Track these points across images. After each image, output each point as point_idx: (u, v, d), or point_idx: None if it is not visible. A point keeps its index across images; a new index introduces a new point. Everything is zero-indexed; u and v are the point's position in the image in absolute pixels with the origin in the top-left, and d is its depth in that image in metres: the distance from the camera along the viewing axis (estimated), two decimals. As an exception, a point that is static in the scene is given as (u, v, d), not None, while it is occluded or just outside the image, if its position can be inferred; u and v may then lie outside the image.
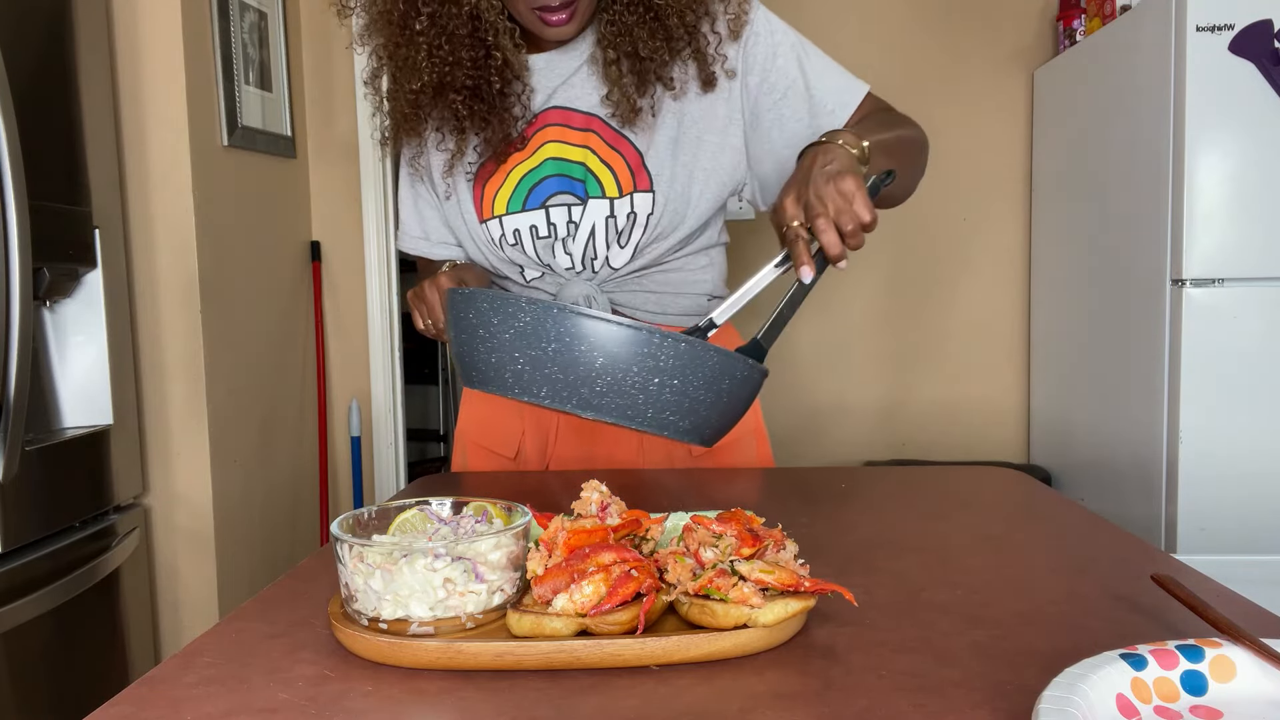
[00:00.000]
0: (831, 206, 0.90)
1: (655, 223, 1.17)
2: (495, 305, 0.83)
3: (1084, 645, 0.62)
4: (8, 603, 1.64)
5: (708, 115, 1.17)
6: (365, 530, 0.71)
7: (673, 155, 1.16)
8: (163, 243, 2.17)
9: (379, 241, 2.80)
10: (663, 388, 0.80)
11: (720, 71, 1.16)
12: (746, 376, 0.86)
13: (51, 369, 1.95)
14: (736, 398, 0.86)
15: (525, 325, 0.81)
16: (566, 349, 0.79)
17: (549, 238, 1.19)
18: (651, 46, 1.11)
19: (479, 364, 0.85)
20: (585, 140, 1.18)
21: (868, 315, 3.11)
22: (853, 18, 3.02)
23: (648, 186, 1.16)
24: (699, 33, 1.14)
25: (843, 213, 0.89)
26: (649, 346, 0.79)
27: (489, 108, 1.15)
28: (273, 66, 2.56)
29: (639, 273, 1.22)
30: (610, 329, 0.79)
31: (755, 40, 1.17)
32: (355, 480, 2.84)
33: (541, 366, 0.80)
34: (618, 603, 0.61)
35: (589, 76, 1.18)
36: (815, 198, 0.91)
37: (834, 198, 0.90)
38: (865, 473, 1.23)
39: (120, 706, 0.57)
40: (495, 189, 1.20)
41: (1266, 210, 2.10)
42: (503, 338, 0.82)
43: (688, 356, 0.80)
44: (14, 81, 1.64)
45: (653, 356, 0.79)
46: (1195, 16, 2.07)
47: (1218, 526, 2.13)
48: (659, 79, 1.14)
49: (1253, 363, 2.11)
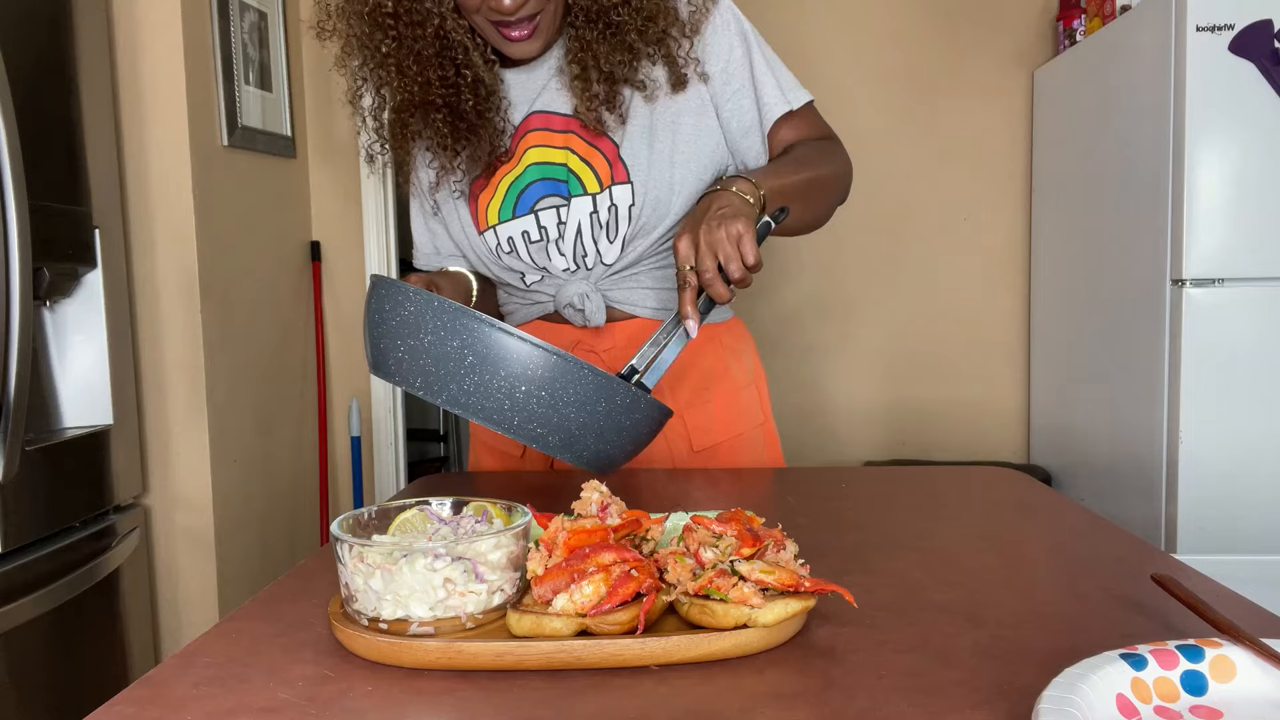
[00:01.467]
0: (720, 252, 0.95)
1: (638, 213, 1.18)
2: (388, 293, 0.85)
3: (1084, 645, 0.62)
4: (8, 603, 1.64)
5: (680, 101, 1.19)
6: (365, 530, 0.71)
7: (648, 144, 1.18)
8: (163, 243, 2.17)
9: (379, 241, 2.80)
10: (530, 397, 0.81)
11: (692, 74, 1.18)
12: (629, 404, 0.84)
13: (51, 369, 1.95)
14: (619, 425, 0.85)
15: (408, 315, 0.83)
16: (440, 343, 0.81)
17: (541, 241, 1.21)
18: (613, 61, 1.13)
19: (371, 349, 0.88)
20: (566, 141, 1.19)
21: (868, 315, 3.11)
22: (853, 18, 3.02)
23: (625, 178, 1.18)
24: (666, 38, 1.15)
25: (730, 259, 0.95)
26: (519, 353, 0.79)
27: (469, 125, 1.16)
28: (273, 66, 2.56)
29: (633, 268, 1.22)
30: (481, 329, 0.80)
31: (715, 32, 1.19)
32: (355, 480, 2.84)
33: (418, 357, 0.82)
34: (618, 603, 0.61)
35: (561, 87, 1.19)
36: (705, 243, 0.96)
37: (722, 243, 0.95)
38: (865, 473, 1.23)
39: (120, 706, 0.57)
40: (487, 201, 1.22)
41: (1266, 210, 2.10)
42: (390, 324, 0.84)
43: (558, 370, 0.80)
44: (14, 81, 1.64)
45: (520, 363, 0.80)
46: (1195, 16, 2.07)
47: (1218, 526, 2.13)
48: (629, 82, 1.16)
49: (1253, 363, 2.11)
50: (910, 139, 3.03)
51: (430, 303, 0.82)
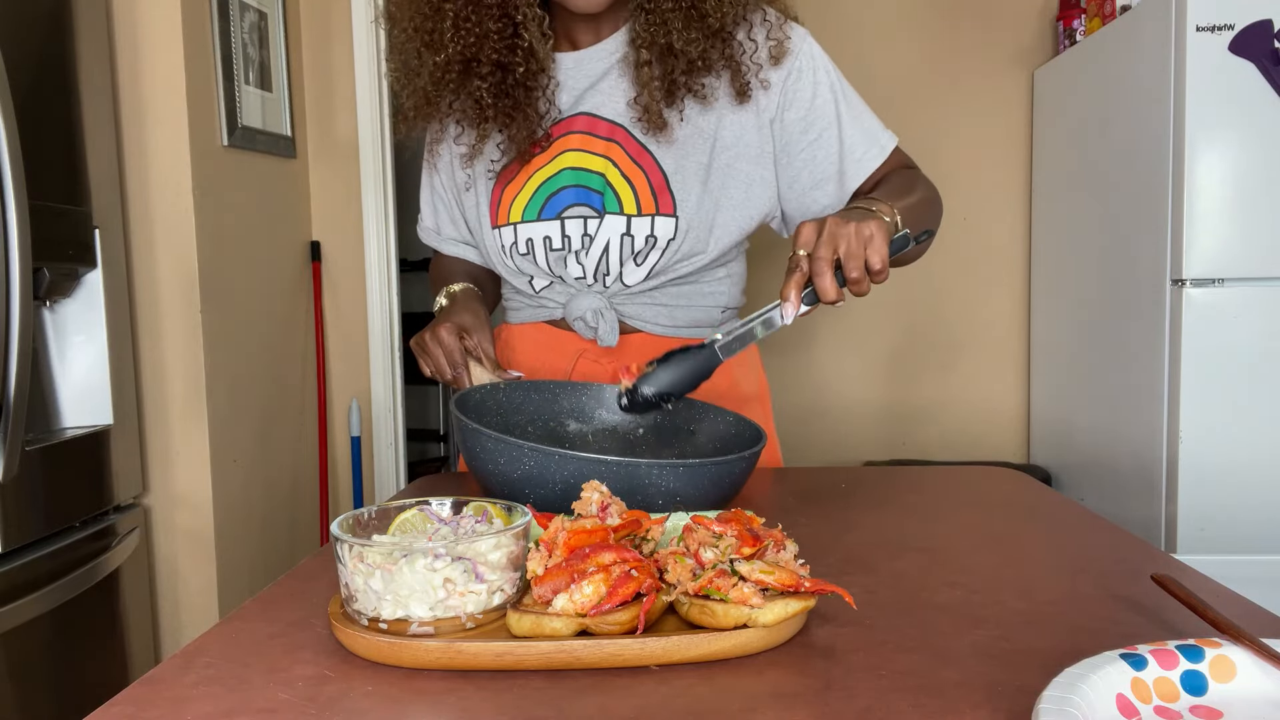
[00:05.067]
0: (844, 245, 0.89)
1: (676, 248, 1.14)
2: (474, 441, 0.91)
3: (1084, 645, 0.62)
4: (8, 603, 1.64)
5: (740, 143, 1.14)
6: (365, 530, 0.71)
7: (703, 182, 1.13)
8: (163, 243, 2.17)
9: (379, 241, 2.80)
10: None
11: (755, 82, 1.13)
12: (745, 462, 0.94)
13: (51, 369, 1.95)
14: None
15: (503, 461, 0.89)
16: (531, 478, 0.88)
17: (562, 249, 1.16)
18: (686, 38, 1.07)
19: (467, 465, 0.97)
20: (608, 150, 1.14)
21: (868, 315, 3.11)
22: (853, 18, 3.02)
23: (671, 210, 1.13)
24: (735, 37, 1.11)
25: (853, 256, 0.89)
26: (586, 468, 0.87)
27: (514, 103, 1.12)
28: (273, 66, 2.56)
29: (652, 288, 1.20)
30: (565, 462, 0.87)
31: (799, 75, 1.14)
32: (355, 480, 2.84)
33: (520, 487, 0.90)
34: (618, 603, 0.61)
35: (619, 80, 1.15)
36: (833, 233, 0.89)
37: (851, 238, 0.89)
38: (865, 473, 1.23)
39: (120, 706, 0.57)
40: (514, 195, 1.17)
41: (1266, 210, 2.10)
42: (482, 464, 0.92)
43: (630, 470, 0.88)
44: (14, 81, 1.64)
45: (590, 473, 0.86)
46: (1195, 16, 2.07)
47: (1218, 526, 2.13)
48: (689, 89, 1.10)
49: (1253, 363, 2.11)
50: (910, 139, 3.00)
51: (520, 449, 0.88)
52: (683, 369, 0.96)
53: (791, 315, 0.91)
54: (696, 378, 0.96)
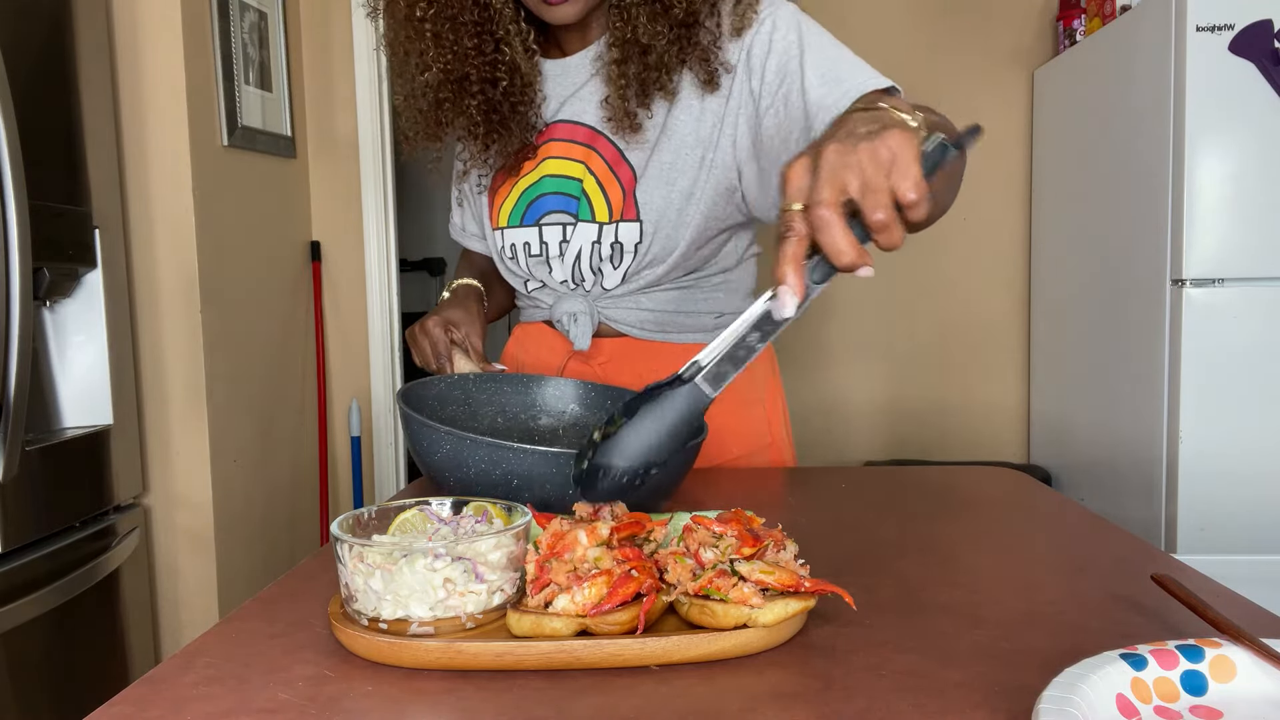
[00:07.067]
0: (854, 177, 0.58)
1: (645, 251, 1.15)
2: (420, 433, 0.90)
3: (1084, 645, 0.62)
4: (8, 603, 1.64)
5: (695, 132, 1.12)
6: (365, 530, 0.71)
7: (669, 182, 1.13)
8: (163, 243, 2.17)
9: (379, 241, 2.80)
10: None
11: (720, 69, 1.10)
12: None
13: (51, 369, 1.95)
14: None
15: (446, 453, 0.88)
16: (485, 475, 0.86)
17: (541, 255, 1.19)
18: (653, 31, 1.06)
19: (425, 470, 0.95)
20: (586, 157, 1.15)
21: (867, 315, 3.11)
22: (852, 17, 3.02)
23: (634, 216, 1.14)
24: (703, 25, 1.09)
25: (871, 190, 0.57)
26: (551, 462, 0.84)
27: (501, 117, 1.13)
28: (273, 66, 2.56)
29: (637, 292, 1.20)
30: (518, 456, 0.84)
31: (756, 43, 1.10)
32: (355, 480, 2.84)
33: (470, 487, 0.88)
34: (618, 603, 0.61)
35: (600, 85, 1.15)
36: (834, 164, 0.58)
37: (862, 165, 0.58)
38: (865, 473, 1.23)
39: (120, 706, 0.57)
40: (501, 200, 1.21)
41: (1266, 210, 2.10)
42: (433, 460, 0.91)
43: None
44: (14, 81, 1.64)
45: (556, 470, 0.84)
46: (1195, 16, 2.07)
47: (1218, 526, 2.13)
48: (660, 86, 1.09)
49: (1253, 363, 2.11)
50: (910, 139, 3.03)
51: (463, 441, 0.86)
52: (660, 424, 0.67)
53: (793, 305, 0.59)
54: (681, 431, 0.67)
